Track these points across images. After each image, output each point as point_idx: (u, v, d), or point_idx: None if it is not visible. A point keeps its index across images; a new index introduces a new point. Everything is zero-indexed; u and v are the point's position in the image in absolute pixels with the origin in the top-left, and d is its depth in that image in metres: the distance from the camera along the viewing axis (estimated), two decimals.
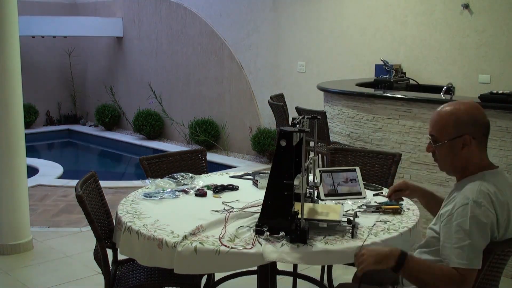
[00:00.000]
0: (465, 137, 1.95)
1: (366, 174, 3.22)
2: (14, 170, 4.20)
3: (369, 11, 6.22)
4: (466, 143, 1.95)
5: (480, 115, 1.98)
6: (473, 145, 1.96)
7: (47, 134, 10.27)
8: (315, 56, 6.84)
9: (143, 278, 2.66)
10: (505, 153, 3.72)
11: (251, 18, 7.54)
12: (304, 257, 2.04)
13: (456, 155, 1.98)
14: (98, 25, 9.69)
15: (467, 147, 1.96)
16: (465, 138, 1.95)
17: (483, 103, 3.81)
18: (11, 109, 4.15)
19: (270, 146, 7.21)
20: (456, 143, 1.96)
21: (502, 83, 5.19)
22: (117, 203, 2.61)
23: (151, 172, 3.21)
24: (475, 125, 1.96)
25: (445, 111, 1.99)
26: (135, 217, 2.37)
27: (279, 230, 2.10)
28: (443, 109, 2.01)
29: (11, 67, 4.12)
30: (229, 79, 7.96)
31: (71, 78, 10.77)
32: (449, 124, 1.97)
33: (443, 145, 1.99)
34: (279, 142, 2.07)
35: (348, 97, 4.70)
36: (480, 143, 1.98)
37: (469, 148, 1.96)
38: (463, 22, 5.48)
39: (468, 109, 1.97)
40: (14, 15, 4.13)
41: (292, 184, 2.09)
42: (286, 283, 3.45)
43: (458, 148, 1.97)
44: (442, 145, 1.99)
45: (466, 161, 1.98)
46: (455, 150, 1.98)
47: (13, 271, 3.93)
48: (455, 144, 1.97)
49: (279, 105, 6.11)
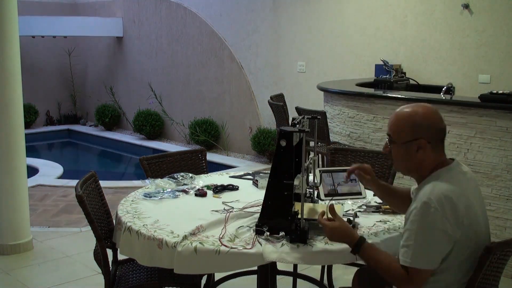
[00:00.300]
0: (420, 140, 1.96)
1: None
2: (14, 170, 4.20)
3: (369, 11, 6.22)
4: (420, 147, 1.97)
5: (437, 120, 1.99)
6: (428, 149, 1.97)
7: (47, 134, 10.27)
8: (315, 56, 6.84)
9: (143, 278, 2.66)
10: (505, 153, 3.72)
11: (251, 18, 7.54)
12: (304, 257, 2.04)
13: (410, 157, 2.00)
14: (98, 25, 9.69)
15: (422, 150, 1.97)
16: (420, 141, 1.96)
17: (483, 103, 3.82)
18: (11, 109, 4.15)
19: (270, 146, 7.21)
20: (411, 145, 1.98)
21: (502, 83, 5.19)
22: (117, 203, 2.61)
23: (151, 172, 3.21)
24: (430, 130, 1.98)
25: (403, 113, 2.01)
26: (135, 217, 2.37)
27: (279, 230, 2.10)
28: (401, 111, 2.02)
29: (11, 67, 4.12)
30: (229, 79, 7.96)
31: (71, 78, 10.77)
32: (406, 126, 1.99)
33: (398, 146, 2.01)
34: (279, 142, 2.07)
35: (348, 97, 4.70)
36: (435, 147, 1.99)
37: (424, 151, 1.98)
38: (463, 22, 5.48)
39: (425, 113, 1.98)
40: (14, 15, 4.13)
41: (292, 184, 2.09)
42: (286, 283, 3.45)
43: (412, 150, 1.98)
44: (397, 146, 2.02)
45: (420, 163, 2.00)
46: (409, 152, 1.99)
47: (13, 271, 3.93)
48: (410, 146, 1.98)
49: (279, 105, 6.11)
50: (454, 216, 1.88)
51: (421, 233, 1.87)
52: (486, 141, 3.79)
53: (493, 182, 3.78)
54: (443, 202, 1.87)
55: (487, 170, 3.80)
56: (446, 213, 1.86)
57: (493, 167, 3.77)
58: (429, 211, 1.86)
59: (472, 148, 3.86)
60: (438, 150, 2.01)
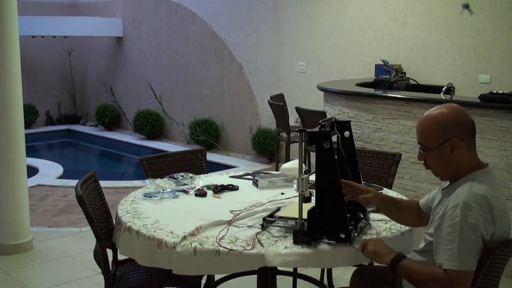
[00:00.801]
0: (452, 140, 1.95)
1: (366, 174, 3.22)
2: (14, 170, 4.20)
3: (369, 11, 6.22)
4: (455, 146, 1.95)
5: (463, 116, 1.98)
6: (462, 146, 1.95)
7: (47, 134, 10.26)
8: (315, 56, 6.84)
9: (143, 278, 2.66)
10: (505, 153, 3.72)
11: (251, 18, 7.54)
12: (308, 260, 2.03)
13: (447, 159, 1.98)
14: (98, 25, 9.69)
15: (457, 149, 1.95)
16: (453, 141, 1.95)
17: (483, 103, 3.82)
18: (11, 109, 4.15)
19: (270, 146, 7.21)
20: (445, 147, 1.96)
21: (502, 83, 5.19)
22: (117, 203, 2.61)
23: (151, 172, 3.21)
24: (460, 127, 1.96)
25: (429, 117, 2.00)
26: (135, 217, 2.37)
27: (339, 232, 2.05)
28: (427, 116, 2.02)
29: (11, 67, 4.12)
30: (229, 79, 7.96)
31: (71, 78, 10.76)
32: (435, 130, 1.97)
33: (433, 152, 1.99)
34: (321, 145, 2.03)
35: (348, 97, 4.70)
36: (468, 143, 1.97)
37: (459, 150, 1.96)
38: (463, 22, 5.48)
39: (451, 112, 1.98)
40: (14, 15, 4.12)
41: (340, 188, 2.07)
42: (286, 283, 3.45)
43: (448, 152, 1.96)
44: (431, 152, 1.99)
45: (458, 163, 1.97)
46: (445, 154, 1.97)
47: (13, 271, 3.93)
48: (444, 149, 1.96)
49: (279, 105, 6.11)
50: (491, 215, 1.88)
51: (465, 234, 1.84)
52: (486, 141, 3.79)
53: None
54: (481, 201, 1.86)
55: None
56: (485, 212, 1.86)
57: (493, 167, 3.76)
58: (471, 211, 1.85)
59: None
60: (472, 147, 1.99)
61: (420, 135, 2.02)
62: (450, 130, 1.95)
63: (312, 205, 2.09)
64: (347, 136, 2.23)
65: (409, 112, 4.21)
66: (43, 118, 10.51)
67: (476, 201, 1.86)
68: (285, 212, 2.30)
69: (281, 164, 5.38)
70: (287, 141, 6.08)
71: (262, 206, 2.48)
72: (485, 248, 1.89)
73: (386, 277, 2.36)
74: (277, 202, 2.54)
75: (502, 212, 1.93)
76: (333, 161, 2.05)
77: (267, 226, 2.22)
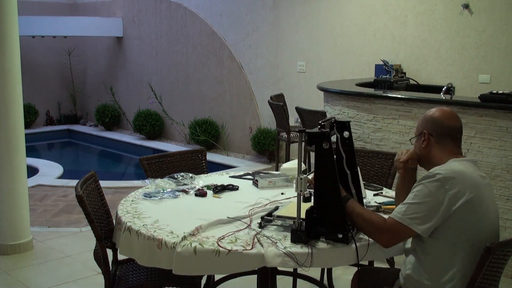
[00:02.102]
0: (424, 132, 2.18)
1: (366, 174, 3.22)
2: (14, 170, 4.20)
3: (369, 11, 6.22)
4: (424, 139, 2.17)
5: (446, 117, 2.17)
6: (432, 141, 2.16)
7: (47, 134, 10.27)
8: (315, 56, 6.84)
9: (143, 278, 2.66)
10: (505, 153, 3.72)
11: (251, 18, 7.54)
12: (308, 260, 2.02)
13: (420, 149, 2.21)
14: (98, 25, 9.69)
15: (426, 142, 2.17)
16: (424, 133, 2.17)
17: (483, 103, 3.82)
18: (11, 109, 4.15)
19: (270, 146, 7.21)
20: (420, 138, 2.20)
21: (502, 83, 5.19)
22: (117, 203, 2.61)
23: (151, 172, 3.21)
24: (435, 124, 2.16)
25: (425, 113, 2.25)
26: (135, 217, 2.37)
27: (336, 233, 2.06)
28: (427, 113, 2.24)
29: (11, 67, 4.12)
30: (229, 79, 7.96)
31: (71, 78, 10.76)
32: (420, 123, 2.23)
33: (416, 139, 2.24)
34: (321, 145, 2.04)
35: (348, 97, 4.70)
36: (440, 142, 2.15)
37: (429, 144, 2.16)
38: (463, 22, 5.48)
39: (437, 111, 2.20)
40: (14, 15, 4.12)
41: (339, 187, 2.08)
42: (286, 283, 3.45)
43: (421, 142, 2.20)
44: (415, 139, 2.25)
45: (428, 156, 2.18)
46: (419, 144, 2.21)
47: (13, 271, 3.93)
48: (420, 139, 2.20)
49: (279, 105, 6.11)
50: (454, 194, 1.98)
51: (419, 196, 2.01)
52: (486, 141, 3.79)
53: (493, 182, 3.78)
54: (448, 177, 2.00)
55: (487, 170, 3.80)
56: (447, 188, 1.98)
57: (493, 167, 3.77)
58: (433, 180, 2.00)
59: (472, 148, 3.86)
60: (445, 146, 2.14)
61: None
62: (426, 124, 2.19)
63: (311, 205, 2.09)
64: (347, 136, 2.24)
65: (409, 112, 4.21)
66: (43, 118, 10.51)
67: (444, 175, 2.00)
68: (283, 211, 2.30)
69: (281, 164, 5.39)
70: (287, 141, 6.08)
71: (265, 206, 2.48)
72: (485, 248, 1.90)
73: (387, 278, 2.37)
74: (277, 203, 2.54)
75: (476, 200, 2.00)
76: (332, 162, 2.06)
77: (265, 225, 2.22)
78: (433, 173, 2.02)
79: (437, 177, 1.99)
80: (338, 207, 2.06)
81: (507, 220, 3.75)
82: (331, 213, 2.06)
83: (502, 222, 3.78)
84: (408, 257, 2.16)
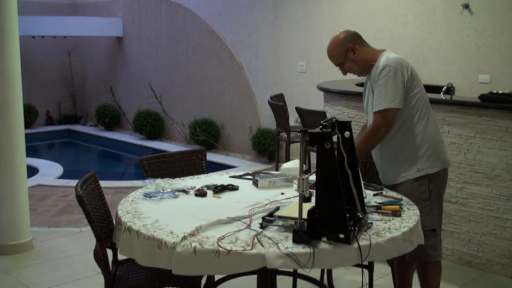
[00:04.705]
0: (349, 47, 2.80)
1: (366, 174, 3.22)
2: (14, 170, 4.20)
3: (369, 11, 6.22)
4: (353, 49, 2.80)
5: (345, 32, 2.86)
6: (358, 46, 2.81)
7: (47, 134, 10.27)
8: (315, 56, 6.84)
9: (143, 278, 2.66)
10: (505, 153, 3.72)
11: (251, 18, 7.54)
12: (309, 261, 2.02)
13: (356, 62, 2.81)
14: (98, 25, 9.69)
15: (356, 50, 2.79)
16: (350, 47, 2.80)
17: (483, 103, 3.82)
18: (11, 109, 4.15)
19: (270, 146, 7.21)
20: (349, 55, 2.81)
21: (502, 83, 5.19)
22: (117, 203, 2.61)
23: (151, 172, 3.21)
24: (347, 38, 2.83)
25: (329, 47, 2.89)
26: (135, 217, 2.37)
27: (338, 232, 2.06)
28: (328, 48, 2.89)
29: (11, 67, 4.12)
30: (229, 79, 7.96)
31: (71, 78, 10.77)
32: (338, 49, 2.84)
33: (347, 62, 2.83)
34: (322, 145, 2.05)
35: (348, 97, 4.70)
36: (360, 43, 2.83)
37: (358, 50, 2.80)
38: (463, 22, 5.48)
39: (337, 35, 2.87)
40: (14, 15, 4.12)
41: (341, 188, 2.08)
42: (286, 283, 3.45)
43: (353, 56, 2.80)
44: (345, 64, 2.83)
45: (364, 58, 2.80)
46: (353, 59, 2.81)
47: (13, 271, 3.93)
48: (350, 56, 2.81)
49: (279, 105, 6.11)
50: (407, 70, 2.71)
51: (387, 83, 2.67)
52: (486, 141, 3.79)
53: (493, 182, 3.78)
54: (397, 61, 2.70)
55: (487, 170, 3.80)
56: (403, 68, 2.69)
57: (493, 167, 3.77)
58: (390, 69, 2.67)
59: (472, 148, 3.86)
60: (366, 44, 2.84)
61: (334, 60, 2.89)
62: (343, 45, 2.82)
63: (312, 205, 2.09)
64: (347, 136, 2.25)
65: None
66: (43, 118, 10.52)
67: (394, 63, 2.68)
68: (284, 212, 2.30)
69: (281, 164, 5.38)
70: (287, 141, 6.08)
71: (265, 206, 2.48)
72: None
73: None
74: (277, 203, 2.54)
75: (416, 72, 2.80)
76: (333, 162, 2.06)
77: (266, 226, 2.22)
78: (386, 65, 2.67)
79: (392, 66, 2.67)
80: (340, 207, 2.06)
81: (507, 220, 3.75)
82: (332, 213, 2.06)
83: (502, 222, 3.78)
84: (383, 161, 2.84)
